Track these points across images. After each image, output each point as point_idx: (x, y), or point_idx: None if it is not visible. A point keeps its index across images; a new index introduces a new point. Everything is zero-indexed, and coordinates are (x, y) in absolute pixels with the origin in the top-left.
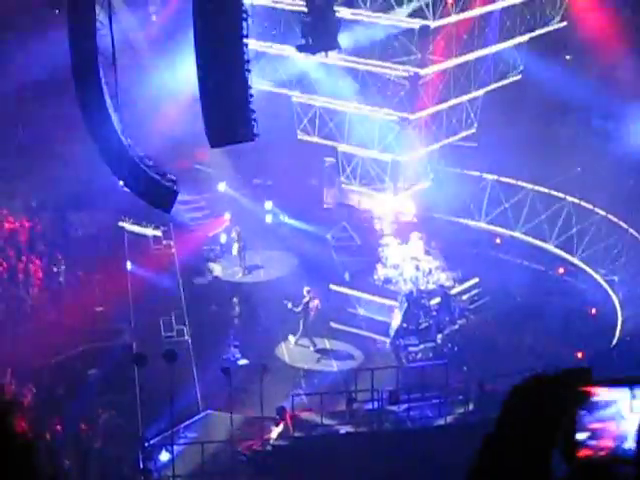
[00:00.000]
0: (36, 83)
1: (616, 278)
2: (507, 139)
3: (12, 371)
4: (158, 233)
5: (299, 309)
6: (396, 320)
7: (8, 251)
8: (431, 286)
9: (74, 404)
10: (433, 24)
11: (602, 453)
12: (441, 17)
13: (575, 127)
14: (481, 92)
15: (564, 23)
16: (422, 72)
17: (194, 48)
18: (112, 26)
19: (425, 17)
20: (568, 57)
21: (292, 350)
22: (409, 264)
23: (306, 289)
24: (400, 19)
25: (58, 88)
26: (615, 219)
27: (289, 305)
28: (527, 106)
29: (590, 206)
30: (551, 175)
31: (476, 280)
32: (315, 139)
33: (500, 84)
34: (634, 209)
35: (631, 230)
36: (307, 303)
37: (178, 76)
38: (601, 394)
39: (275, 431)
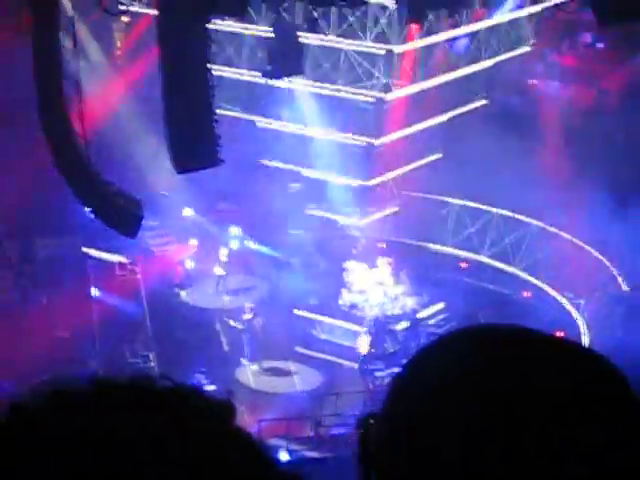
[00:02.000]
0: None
1: (582, 302)
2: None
3: None
4: (123, 259)
5: (241, 326)
6: (363, 345)
7: None
8: (397, 311)
9: None
10: (397, 49)
11: None
12: (405, 42)
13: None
14: (447, 117)
15: (530, 48)
16: (387, 97)
17: (159, 74)
18: (78, 52)
19: (389, 42)
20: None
21: (250, 374)
22: (375, 289)
23: (247, 305)
24: (365, 44)
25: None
26: (581, 243)
27: (231, 322)
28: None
29: (555, 230)
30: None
31: (442, 305)
32: (280, 164)
33: (466, 109)
34: (599, 230)
35: (596, 254)
36: (250, 320)
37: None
38: None
39: None
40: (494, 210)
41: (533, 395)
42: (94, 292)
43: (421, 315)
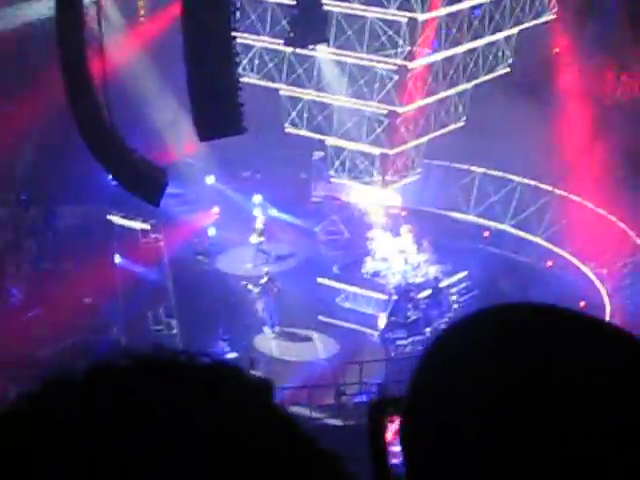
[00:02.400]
0: None
1: (605, 271)
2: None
3: None
4: (146, 226)
5: (257, 290)
6: (384, 313)
7: None
8: (420, 279)
9: None
10: (421, 17)
11: None
12: (429, 10)
13: None
14: (470, 85)
15: (554, 16)
16: (410, 65)
17: (183, 41)
18: (100, 20)
19: (413, 10)
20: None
21: (270, 341)
22: (398, 257)
23: (265, 269)
24: (388, 12)
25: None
26: (603, 212)
27: (249, 286)
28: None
29: (579, 199)
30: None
31: (465, 273)
32: (303, 132)
33: (489, 77)
34: (622, 201)
35: (620, 223)
36: (267, 284)
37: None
38: None
39: None
40: (517, 179)
41: (557, 370)
42: (117, 259)
43: (443, 283)
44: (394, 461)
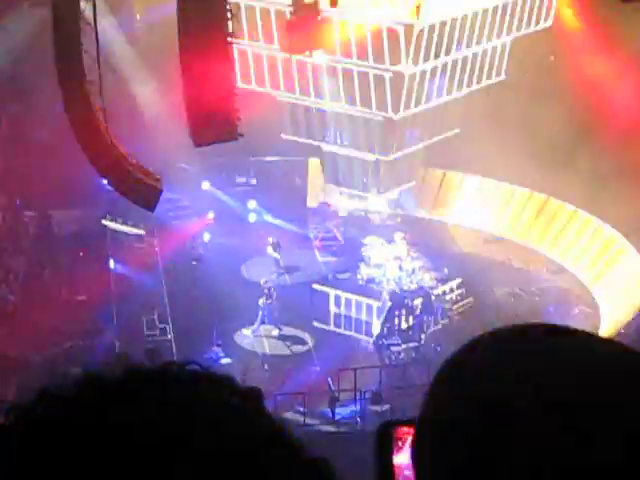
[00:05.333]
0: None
1: (600, 280)
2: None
3: None
4: (141, 232)
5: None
6: (379, 320)
7: None
8: (414, 286)
9: None
10: (418, 25)
11: None
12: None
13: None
14: (465, 92)
15: (549, 23)
16: (407, 72)
17: (179, 48)
18: (97, 25)
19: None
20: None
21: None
22: (392, 264)
23: (262, 280)
24: (385, 21)
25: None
26: (597, 219)
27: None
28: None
29: (573, 206)
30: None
31: (459, 280)
32: (299, 138)
33: (484, 84)
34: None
35: (617, 233)
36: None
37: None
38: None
39: None
40: (513, 186)
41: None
42: (112, 264)
43: (438, 290)
44: None
